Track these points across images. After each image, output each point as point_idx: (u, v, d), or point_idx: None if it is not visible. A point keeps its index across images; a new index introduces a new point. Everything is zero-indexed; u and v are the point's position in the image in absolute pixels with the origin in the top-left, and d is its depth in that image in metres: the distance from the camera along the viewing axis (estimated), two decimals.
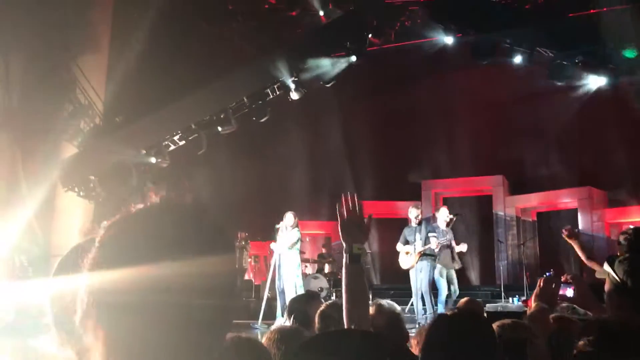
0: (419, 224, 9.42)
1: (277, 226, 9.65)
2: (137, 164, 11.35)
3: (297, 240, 9.66)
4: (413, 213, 9.53)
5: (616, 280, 2.13)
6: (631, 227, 4.39)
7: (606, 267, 2.22)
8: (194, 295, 0.82)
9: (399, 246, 9.54)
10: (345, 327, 2.00)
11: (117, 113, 12.07)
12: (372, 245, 14.32)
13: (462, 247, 9.66)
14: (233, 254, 0.94)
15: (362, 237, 2.24)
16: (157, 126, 11.45)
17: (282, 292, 9.49)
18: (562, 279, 2.56)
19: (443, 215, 9.72)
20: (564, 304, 3.04)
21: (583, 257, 4.61)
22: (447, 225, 9.65)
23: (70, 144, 11.91)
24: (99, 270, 0.84)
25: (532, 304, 2.47)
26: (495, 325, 2.34)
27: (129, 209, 0.91)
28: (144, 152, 11.35)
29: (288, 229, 9.56)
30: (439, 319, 2.00)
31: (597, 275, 2.35)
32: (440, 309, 8.94)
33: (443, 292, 9.32)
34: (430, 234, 9.27)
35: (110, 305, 0.82)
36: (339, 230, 2.26)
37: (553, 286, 2.47)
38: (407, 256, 9.36)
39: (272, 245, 9.89)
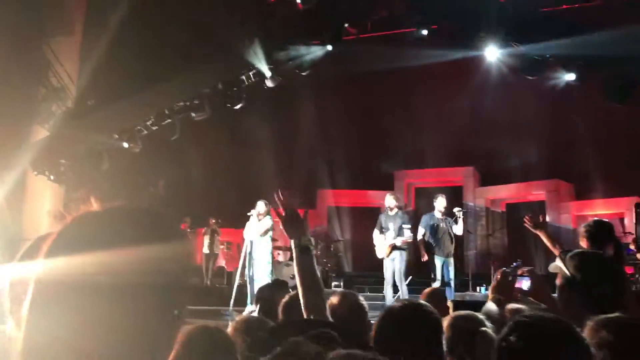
0: (395, 213, 9.43)
1: (249, 214, 9.66)
2: (109, 148, 11.26)
3: (270, 229, 9.69)
4: (390, 202, 9.53)
5: (566, 275, 2.24)
6: (594, 219, 4.34)
7: (558, 262, 2.32)
8: (141, 278, 0.85)
9: (376, 233, 9.55)
10: (305, 317, 2.07)
11: (89, 97, 11.91)
12: (345, 234, 14.44)
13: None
14: (182, 243, 0.97)
15: (305, 229, 2.32)
16: (130, 111, 11.35)
17: (253, 280, 9.52)
18: (519, 272, 2.65)
19: (440, 205, 9.54)
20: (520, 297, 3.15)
21: (550, 246, 4.41)
22: (453, 219, 9.58)
23: (42, 128, 11.76)
24: (50, 258, 0.87)
25: (490, 296, 2.57)
26: (450, 316, 2.44)
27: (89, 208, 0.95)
28: (116, 136, 11.26)
29: (260, 217, 9.58)
30: (387, 311, 2.08)
31: (550, 269, 2.44)
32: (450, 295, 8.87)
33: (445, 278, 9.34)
34: (404, 226, 9.29)
35: (59, 291, 0.84)
36: (282, 226, 2.33)
37: (510, 279, 2.58)
38: (381, 246, 9.43)
39: (245, 232, 9.91)
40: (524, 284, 2.62)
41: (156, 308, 0.88)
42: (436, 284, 9.10)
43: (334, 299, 2.77)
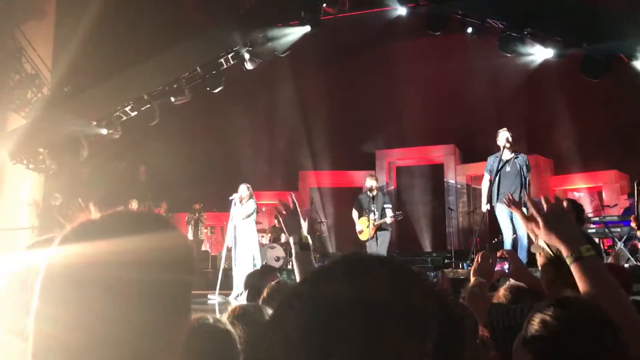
0: (376, 194, 9.47)
1: (231, 198, 9.66)
2: (88, 135, 11.11)
3: (253, 212, 9.70)
4: (371, 183, 9.57)
5: (550, 255, 2.27)
6: (565, 199, 4.52)
7: (541, 242, 2.36)
8: (150, 270, 0.86)
9: (355, 214, 9.62)
10: None
11: (65, 83, 11.71)
12: (328, 215, 14.50)
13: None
14: (182, 239, 0.98)
15: (302, 227, 2.45)
16: (108, 97, 11.17)
17: (238, 263, 9.56)
18: (498, 254, 2.70)
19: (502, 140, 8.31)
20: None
21: (526, 225, 4.56)
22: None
23: (18, 115, 11.56)
24: (63, 245, 0.88)
25: (471, 278, 2.61)
26: None
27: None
28: (95, 123, 11.09)
29: (243, 201, 9.57)
30: None
31: (532, 250, 2.48)
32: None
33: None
34: (385, 206, 9.36)
35: (69, 280, 0.85)
36: (284, 227, 2.52)
37: (490, 261, 2.62)
38: (364, 229, 9.48)
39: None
40: (505, 266, 2.67)
41: (162, 304, 0.88)
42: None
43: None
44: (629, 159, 11.94)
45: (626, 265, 8.75)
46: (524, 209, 5.39)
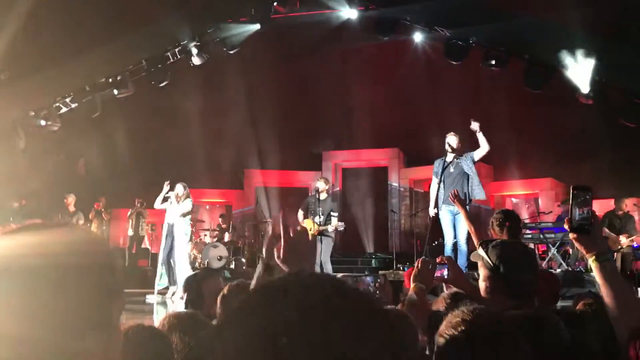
0: (325, 198, 9.34)
1: (166, 195, 9.58)
2: (25, 125, 10.69)
3: (190, 211, 9.68)
4: (322, 185, 9.40)
5: (490, 264, 2.34)
6: (500, 210, 4.80)
7: (480, 251, 2.42)
8: (70, 259, 0.88)
9: (299, 213, 9.51)
10: None
11: (1, 69, 11.20)
12: (273, 214, 14.45)
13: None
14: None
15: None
16: (48, 86, 10.77)
17: (171, 262, 9.53)
18: (438, 260, 2.76)
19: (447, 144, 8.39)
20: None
21: (467, 224, 4.78)
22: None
23: None
24: None
25: (411, 284, 2.65)
26: None
27: None
28: (33, 113, 10.67)
29: (180, 200, 9.50)
30: None
31: (472, 258, 2.55)
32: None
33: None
34: (332, 214, 9.21)
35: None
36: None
37: (429, 267, 2.67)
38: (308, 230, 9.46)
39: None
40: (444, 272, 2.73)
41: (88, 288, 0.89)
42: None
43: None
44: (565, 168, 12.41)
45: (558, 270, 9.11)
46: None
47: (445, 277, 2.73)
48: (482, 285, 2.38)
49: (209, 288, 3.09)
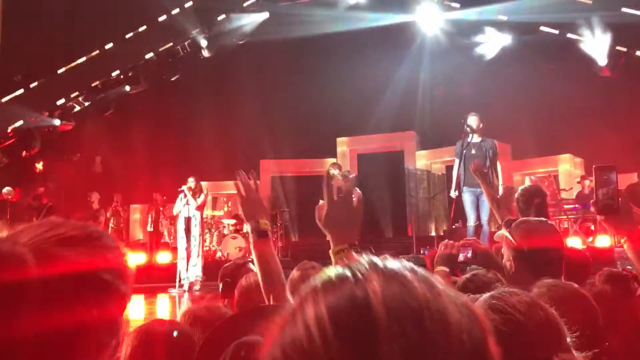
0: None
1: (179, 189, 9.67)
2: (41, 126, 10.76)
3: (204, 204, 9.80)
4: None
5: (513, 244, 2.28)
6: (525, 186, 4.65)
7: (504, 231, 2.37)
8: None
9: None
10: (265, 300, 2.05)
11: (15, 71, 11.28)
12: (290, 203, 14.43)
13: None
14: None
15: (263, 213, 2.24)
16: (60, 86, 10.82)
17: (191, 255, 9.60)
18: (460, 242, 2.69)
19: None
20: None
21: (489, 200, 4.57)
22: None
23: None
24: None
25: (436, 268, 2.59)
26: None
27: None
28: (47, 114, 10.74)
29: (194, 193, 9.58)
30: None
31: (495, 238, 2.49)
32: None
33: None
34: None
35: None
36: (240, 209, 2.23)
37: (452, 250, 2.61)
38: None
39: (175, 209, 9.94)
40: (468, 254, 2.66)
41: None
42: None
43: (295, 273, 2.80)
44: (583, 143, 12.22)
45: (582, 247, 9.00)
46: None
47: (470, 258, 2.65)
48: (506, 265, 2.32)
49: (242, 278, 3.07)
